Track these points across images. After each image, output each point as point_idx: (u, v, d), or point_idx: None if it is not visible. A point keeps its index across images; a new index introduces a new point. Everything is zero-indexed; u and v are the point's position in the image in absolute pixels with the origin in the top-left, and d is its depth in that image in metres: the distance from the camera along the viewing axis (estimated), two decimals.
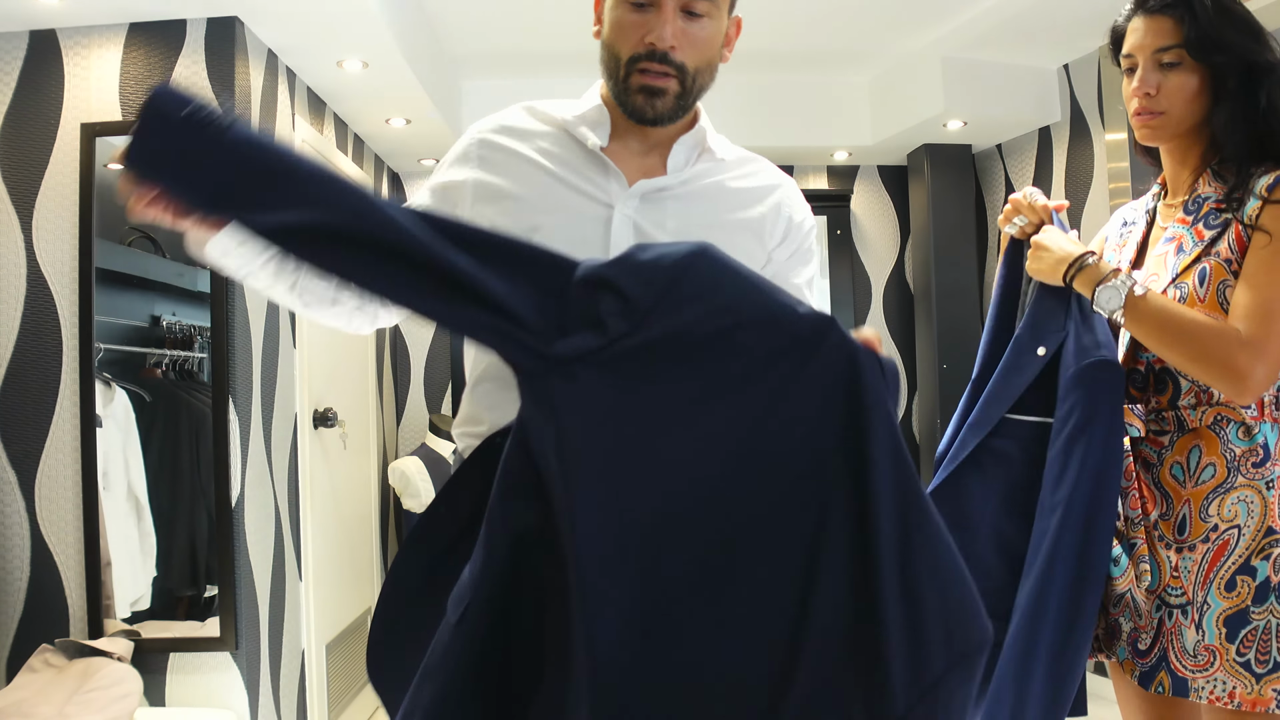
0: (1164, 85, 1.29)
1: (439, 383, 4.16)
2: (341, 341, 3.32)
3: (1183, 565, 1.29)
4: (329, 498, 3.10)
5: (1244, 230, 1.25)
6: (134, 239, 2.48)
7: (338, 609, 3.11)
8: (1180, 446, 1.31)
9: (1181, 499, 1.31)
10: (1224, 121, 1.28)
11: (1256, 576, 1.23)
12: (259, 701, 2.40)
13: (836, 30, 3.41)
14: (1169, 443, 1.32)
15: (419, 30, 3.03)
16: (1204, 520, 1.28)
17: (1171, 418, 1.32)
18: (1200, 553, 1.27)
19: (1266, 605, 1.22)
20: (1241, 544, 1.25)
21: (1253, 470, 1.26)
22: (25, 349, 2.37)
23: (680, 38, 1.12)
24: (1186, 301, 1.28)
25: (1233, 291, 1.25)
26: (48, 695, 2.06)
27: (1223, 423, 1.28)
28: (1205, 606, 1.26)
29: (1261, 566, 1.23)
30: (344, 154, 3.41)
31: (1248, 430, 1.27)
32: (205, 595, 2.42)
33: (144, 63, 2.42)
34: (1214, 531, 1.27)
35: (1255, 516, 1.24)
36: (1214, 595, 1.25)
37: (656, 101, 1.15)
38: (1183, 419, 1.31)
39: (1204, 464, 1.29)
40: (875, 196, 4.29)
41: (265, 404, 2.57)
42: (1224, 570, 1.25)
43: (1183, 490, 1.31)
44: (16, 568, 2.34)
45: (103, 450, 2.34)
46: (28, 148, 2.39)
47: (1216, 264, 1.27)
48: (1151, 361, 1.35)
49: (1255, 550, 1.24)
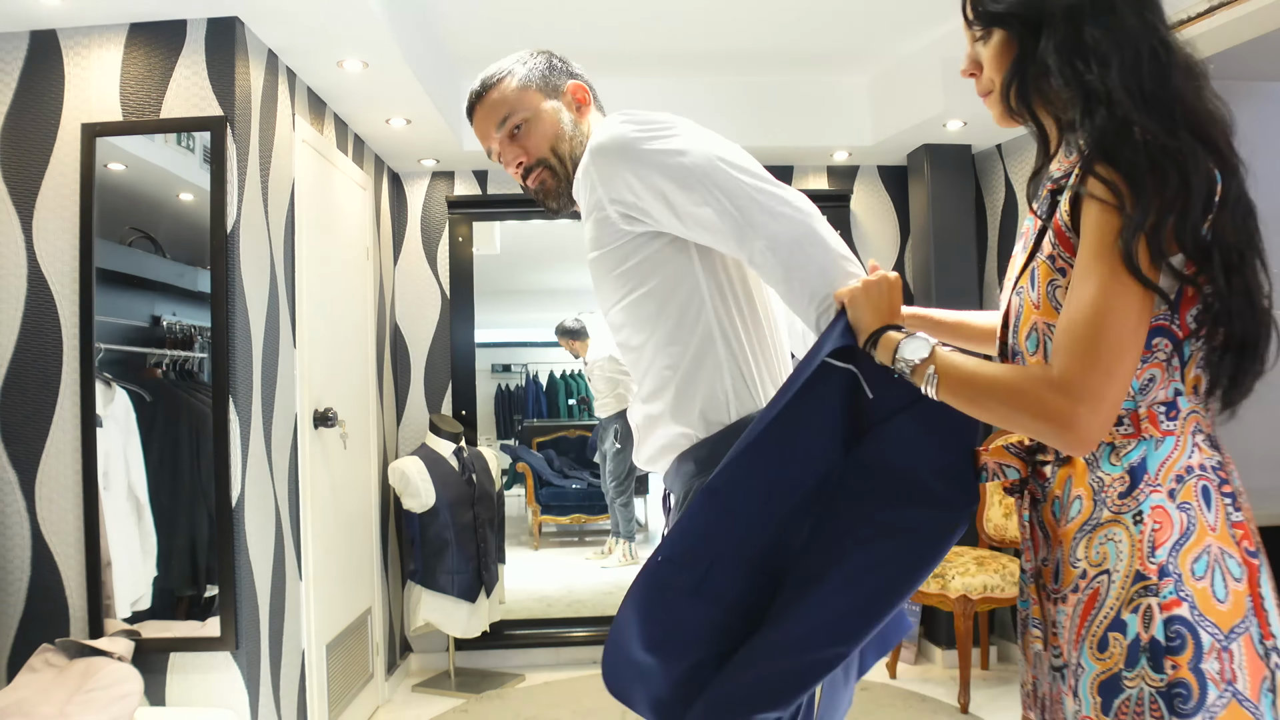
0: (981, 58, 1.18)
1: (439, 383, 4.16)
2: (341, 341, 3.32)
3: (1059, 620, 1.08)
4: (329, 498, 3.10)
5: (1063, 225, 1.05)
6: (134, 239, 2.48)
7: (338, 609, 3.11)
8: (1060, 478, 1.10)
9: (1056, 540, 1.10)
10: (1015, 73, 1.11)
11: (1127, 633, 1.00)
12: (259, 701, 2.40)
13: (836, 30, 3.41)
14: (1050, 474, 1.12)
15: (419, 30, 3.03)
16: (1074, 566, 1.06)
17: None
18: (1072, 604, 1.06)
19: (1138, 670, 0.99)
20: (1112, 594, 1.02)
21: (1118, 502, 1.03)
22: (25, 349, 2.37)
23: (519, 153, 1.44)
24: (1024, 310, 1.10)
25: (1064, 295, 1.04)
26: (48, 695, 2.06)
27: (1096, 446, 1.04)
28: (1080, 670, 1.04)
29: (1131, 621, 1.00)
30: (344, 154, 3.42)
31: (1116, 452, 1.05)
32: (205, 595, 2.42)
33: (144, 63, 2.42)
34: (1083, 579, 1.05)
35: (1124, 559, 1.02)
36: (1086, 657, 1.03)
37: (548, 195, 1.46)
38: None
39: (1073, 496, 1.08)
40: (875, 196, 4.29)
41: (265, 404, 2.58)
42: (1095, 626, 1.03)
43: (1058, 529, 1.09)
44: (17, 568, 2.34)
45: (103, 450, 2.34)
46: (28, 148, 2.40)
47: (1043, 263, 1.08)
48: None
49: (1125, 601, 1.01)
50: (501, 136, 1.45)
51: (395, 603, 3.89)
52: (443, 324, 4.17)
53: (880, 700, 3.48)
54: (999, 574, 3.40)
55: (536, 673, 3.94)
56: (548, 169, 1.44)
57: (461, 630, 3.71)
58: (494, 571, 3.89)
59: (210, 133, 2.39)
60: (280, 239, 2.73)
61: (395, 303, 4.14)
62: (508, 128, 1.44)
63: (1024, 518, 1.16)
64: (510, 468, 5.95)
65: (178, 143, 2.48)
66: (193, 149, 2.47)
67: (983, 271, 4.11)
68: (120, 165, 2.43)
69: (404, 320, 4.16)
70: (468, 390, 4.15)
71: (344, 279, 3.37)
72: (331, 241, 3.23)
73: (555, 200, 1.46)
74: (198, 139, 2.45)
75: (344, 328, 3.36)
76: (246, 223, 2.47)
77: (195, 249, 2.43)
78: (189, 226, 2.44)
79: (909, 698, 3.51)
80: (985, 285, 4.11)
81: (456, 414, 4.11)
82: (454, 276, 4.16)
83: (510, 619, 4.11)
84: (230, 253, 2.39)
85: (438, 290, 4.17)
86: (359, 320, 3.57)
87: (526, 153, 1.44)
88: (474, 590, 3.73)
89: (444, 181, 4.18)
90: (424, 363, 4.16)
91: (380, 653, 3.59)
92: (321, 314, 3.08)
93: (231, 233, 2.40)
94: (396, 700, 3.67)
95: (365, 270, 3.66)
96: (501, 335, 6.31)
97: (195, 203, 2.45)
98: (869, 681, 3.70)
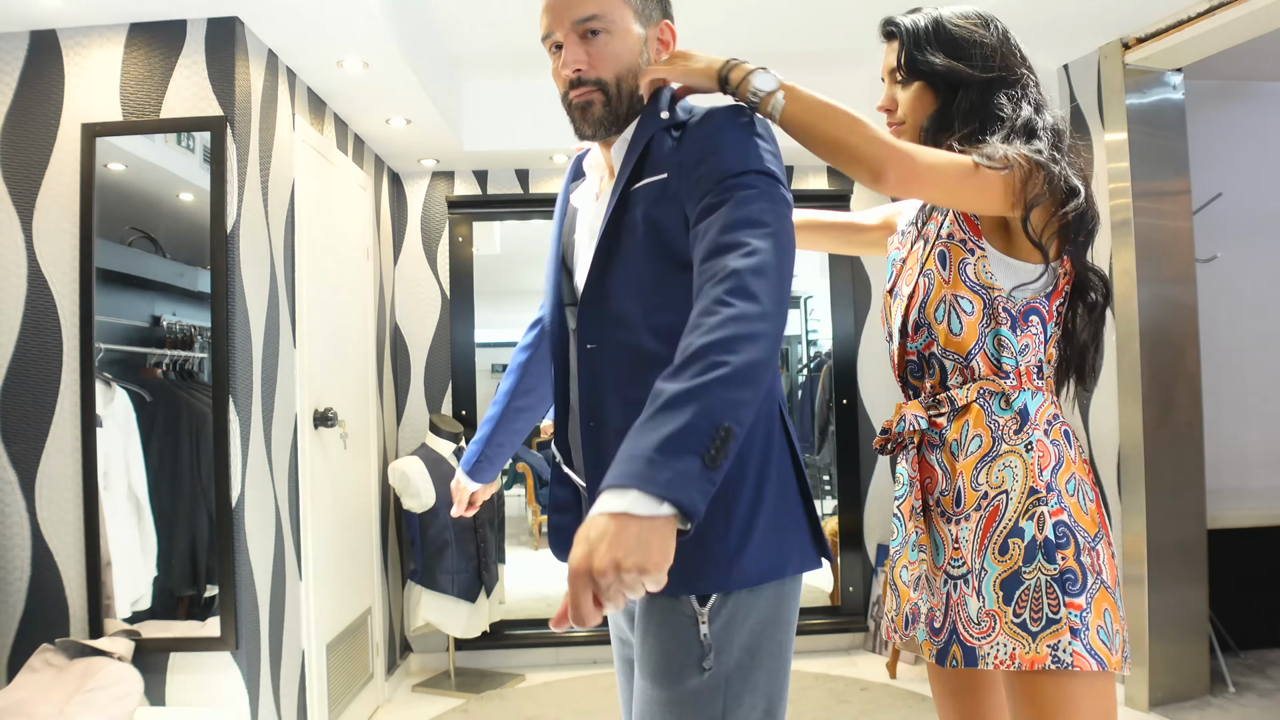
0: (898, 99, 1.48)
1: (439, 383, 4.16)
2: (341, 341, 3.32)
3: (961, 536, 1.36)
4: (329, 498, 3.10)
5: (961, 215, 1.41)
6: (134, 239, 2.48)
7: (338, 609, 3.11)
8: (956, 425, 1.40)
9: (956, 473, 1.38)
10: (935, 121, 1.45)
11: (1024, 537, 1.30)
12: (259, 701, 2.40)
13: (836, 30, 3.41)
14: (946, 422, 1.41)
15: (419, 30, 3.03)
16: (975, 489, 1.35)
17: (945, 399, 1.42)
18: (974, 520, 1.35)
19: (1035, 564, 1.29)
20: (1010, 508, 1.32)
21: (1014, 437, 1.35)
22: (25, 349, 2.37)
23: (585, 58, 1.29)
24: (934, 286, 1.40)
25: (974, 270, 1.37)
26: (48, 695, 2.06)
27: (986, 395, 1.38)
28: (983, 573, 1.32)
29: (1028, 526, 1.30)
30: (344, 154, 3.42)
31: (1007, 399, 1.37)
32: (205, 595, 2.42)
33: (144, 63, 2.42)
34: (984, 500, 1.34)
35: (1019, 480, 1.32)
36: (989, 560, 1.32)
37: (587, 114, 1.31)
38: (953, 398, 1.40)
39: (971, 436, 1.38)
40: (875, 197, 4.29)
41: (265, 404, 2.58)
42: (996, 535, 1.32)
43: (957, 464, 1.38)
44: (17, 568, 2.34)
45: (103, 450, 2.34)
46: (28, 148, 2.40)
47: (953, 246, 1.39)
48: (920, 349, 1.44)
49: (1022, 512, 1.31)
50: (573, 32, 1.29)
51: (395, 603, 3.89)
52: (443, 324, 4.17)
53: (880, 700, 3.48)
54: None
55: (536, 673, 3.94)
56: (602, 92, 1.30)
57: (461, 630, 3.71)
58: (494, 571, 3.89)
59: (210, 133, 2.39)
60: (280, 239, 2.73)
61: (395, 303, 4.14)
62: (586, 27, 1.28)
63: (927, 460, 1.44)
64: (510, 468, 5.95)
65: (178, 143, 2.48)
66: (193, 149, 2.47)
67: None
68: (120, 165, 2.43)
69: (404, 320, 4.16)
70: (468, 390, 4.15)
71: (344, 279, 3.37)
72: (331, 241, 3.23)
73: (590, 126, 1.32)
74: (198, 139, 2.45)
75: (344, 328, 3.36)
76: (246, 223, 2.47)
77: (195, 249, 2.43)
78: (189, 226, 2.44)
79: (909, 698, 3.51)
80: None
81: (456, 414, 4.11)
82: (454, 276, 4.16)
83: (510, 619, 4.11)
84: (230, 253, 2.40)
85: (438, 290, 4.17)
86: (359, 320, 3.57)
87: (590, 63, 1.29)
88: (474, 590, 3.73)
89: (444, 181, 4.18)
90: (424, 363, 4.16)
91: (380, 653, 3.59)
92: (321, 314, 3.08)
93: (231, 233, 2.40)
94: (396, 700, 3.67)
95: (365, 270, 3.66)
96: (501, 335, 6.30)
97: (195, 203, 2.45)
98: (869, 681, 3.70)
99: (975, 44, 1.43)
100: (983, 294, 1.37)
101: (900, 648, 3.69)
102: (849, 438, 4.27)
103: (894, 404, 3.97)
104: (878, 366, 4.27)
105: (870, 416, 4.27)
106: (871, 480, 4.25)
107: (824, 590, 4.49)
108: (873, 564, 4.21)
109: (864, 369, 4.28)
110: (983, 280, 1.37)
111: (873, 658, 4.05)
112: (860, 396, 4.27)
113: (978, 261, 1.37)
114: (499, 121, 3.82)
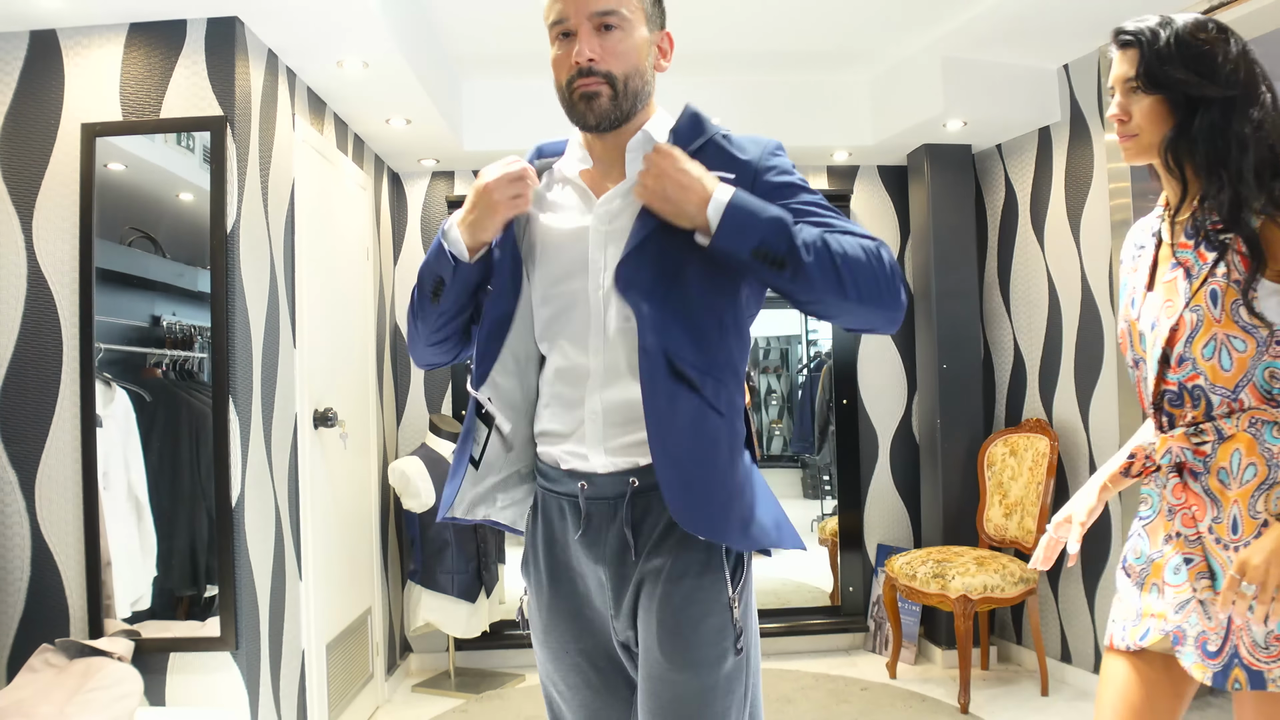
0: (1133, 110, 1.45)
1: (439, 383, 4.16)
2: (341, 341, 3.32)
3: None
4: (329, 498, 3.10)
5: (1245, 246, 1.36)
6: (134, 239, 2.48)
7: (338, 609, 3.11)
8: (1222, 453, 1.41)
9: (1230, 501, 1.40)
10: (1174, 141, 1.42)
11: None
12: (259, 701, 2.40)
13: (836, 30, 3.41)
14: (1211, 451, 1.42)
15: (419, 30, 3.03)
16: (1253, 517, 1.37)
17: (1210, 429, 1.42)
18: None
19: None
20: None
21: None
22: (25, 349, 2.37)
23: (599, 50, 1.30)
24: (1203, 324, 1.40)
25: (1244, 311, 1.36)
26: (48, 695, 2.06)
27: (1257, 425, 1.39)
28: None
29: None
30: (344, 154, 3.42)
31: (1276, 427, 1.39)
32: (205, 595, 2.42)
33: (144, 63, 2.42)
34: (1264, 527, 1.36)
35: None
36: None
37: (593, 104, 1.32)
38: (1219, 428, 1.41)
39: (1245, 465, 1.39)
40: (875, 196, 4.29)
41: (265, 404, 2.58)
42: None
43: (1229, 493, 1.40)
44: (17, 568, 2.34)
45: (103, 450, 2.34)
46: (28, 148, 2.40)
47: (1225, 285, 1.38)
48: (1183, 380, 1.44)
49: None
50: (589, 23, 1.30)
51: (395, 603, 3.89)
52: None
53: (880, 700, 3.48)
54: (999, 574, 3.40)
55: (536, 673, 3.94)
56: (610, 86, 1.31)
57: (461, 630, 3.71)
58: (494, 571, 3.89)
59: (210, 133, 2.39)
60: (280, 239, 2.73)
61: (395, 303, 4.14)
62: (603, 20, 1.30)
63: (1190, 488, 1.44)
64: None
65: (177, 143, 2.48)
66: (192, 149, 2.47)
67: (982, 271, 4.11)
68: (120, 165, 2.43)
69: (404, 320, 4.16)
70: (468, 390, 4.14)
71: (344, 279, 3.37)
72: (331, 241, 3.23)
73: (593, 116, 1.33)
74: (197, 139, 2.45)
75: (344, 328, 3.36)
76: (246, 223, 2.47)
77: (195, 249, 2.43)
78: (189, 226, 2.44)
79: (909, 698, 3.51)
80: (985, 284, 4.11)
81: (456, 414, 4.11)
82: None
83: (510, 619, 4.11)
84: (230, 253, 2.39)
85: None
86: (359, 320, 3.57)
87: (603, 56, 1.30)
88: (474, 590, 3.73)
89: (444, 181, 4.18)
90: None
91: (380, 653, 3.59)
92: (321, 314, 3.08)
93: (231, 233, 2.40)
94: (396, 700, 3.67)
95: (365, 270, 3.66)
96: None
97: (195, 203, 2.45)
98: (869, 681, 3.70)
99: (1219, 60, 1.39)
100: (1255, 334, 1.38)
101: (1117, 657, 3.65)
102: (849, 438, 4.27)
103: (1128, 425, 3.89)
104: (877, 367, 4.27)
105: (870, 416, 4.26)
106: (871, 480, 4.25)
107: (824, 590, 4.50)
108: (873, 564, 4.21)
109: (864, 369, 4.28)
110: (1256, 321, 1.38)
111: (873, 658, 4.05)
112: (860, 396, 4.27)
113: (1252, 303, 1.38)
114: (499, 121, 3.82)
